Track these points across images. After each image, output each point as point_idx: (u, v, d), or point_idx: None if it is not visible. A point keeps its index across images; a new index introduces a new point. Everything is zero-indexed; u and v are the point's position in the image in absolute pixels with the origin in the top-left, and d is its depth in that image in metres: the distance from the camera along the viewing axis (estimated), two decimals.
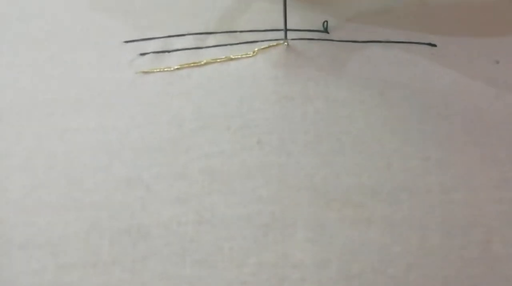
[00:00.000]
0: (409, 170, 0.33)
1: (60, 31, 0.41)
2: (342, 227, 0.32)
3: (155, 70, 0.38)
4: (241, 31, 0.40)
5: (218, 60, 0.38)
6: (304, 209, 0.32)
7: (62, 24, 0.42)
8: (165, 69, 0.38)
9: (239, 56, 0.39)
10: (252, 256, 0.31)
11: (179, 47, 0.40)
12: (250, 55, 0.39)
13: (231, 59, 0.39)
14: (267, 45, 0.39)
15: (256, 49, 0.39)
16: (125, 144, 0.35)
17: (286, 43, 0.39)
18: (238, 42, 0.40)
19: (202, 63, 0.38)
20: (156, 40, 0.40)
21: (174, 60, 0.39)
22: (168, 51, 0.39)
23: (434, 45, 0.40)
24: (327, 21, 0.40)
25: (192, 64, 0.38)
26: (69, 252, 0.31)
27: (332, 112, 0.36)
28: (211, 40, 0.40)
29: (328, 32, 0.40)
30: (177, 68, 0.38)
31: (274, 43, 0.39)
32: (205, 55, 0.39)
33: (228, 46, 0.39)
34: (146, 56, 0.39)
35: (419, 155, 0.34)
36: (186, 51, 0.39)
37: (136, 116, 0.36)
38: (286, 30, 0.39)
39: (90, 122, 0.36)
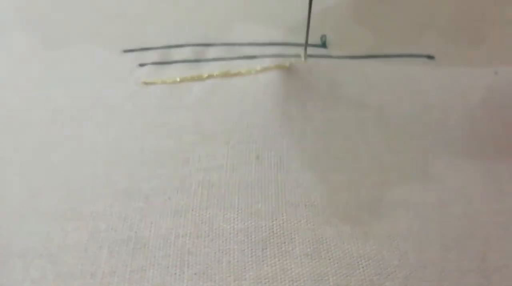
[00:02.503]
0: (406, 185, 0.34)
1: (59, 40, 0.42)
2: (340, 242, 0.32)
3: (156, 82, 0.38)
4: (240, 45, 0.41)
5: (220, 74, 0.39)
6: (302, 225, 0.32)
7: (61, 33, 0.42)
8: (166, 81, 0.38)
9: (242, 72, 0.39)
10: (250, 270, 0.31)
11: (178, 58, 0.40)
12: (253, 72, 0.39)
13: (233, 75, 0.39)
14: (285, 64, 0.39)
15: (273, 64, 0.39)
16: (124, 155, 0.35)
17: (303, 59, 0.39)
18: (237, 56, 0.40)
19: (204, 77, 0.39)
20: (155, 50, 0.41)
21: (174, 70, 0.39)
22: (168, 63, 0.40)
23: (432, 58, 0.41)
24: (325, 35, 0.41)
25: (194, 78, 0.39)
26: (68, 262, 0.31)
27: (330, 131, 0.36)
28: (211, 52, 0.41)
29: (326, 47, 0.41)
30: (179, 81, 0.39)
31: (287, 63, 0.39)
32: (205, 67, 0.40)
33: (228, 61, 0.40)
34: (146, 66, 0.40)
35: (417, 169, 0.34)
36: (186, 63, 0.40)
37: (136, 128, 0.36)
38: (306, 46, 0.39)
39: (89, 133, 0.36)
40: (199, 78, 0.39)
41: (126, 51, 0.41)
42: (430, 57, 0.41)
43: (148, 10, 0.44)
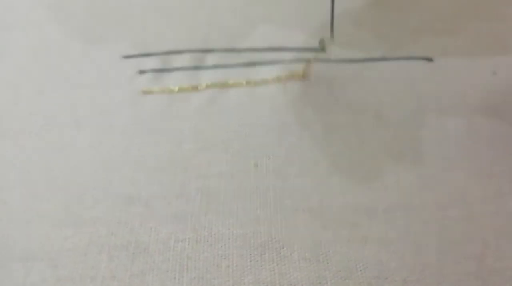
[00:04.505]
0: (404, 188, 0.34)
1: (59, 45, 0.43)
2: (338, 246, 0.32)
3: (155, 91, 0.39)
4: (238, 51, 0.42)
5: (217, 85, 0.39)
6: (301, 230, 0.33)
7: (61, 38, 0.43)
8: (165, 91, 0.39)
9: (239, 83, 0.39)
10: (249, 275, 0.31)
11: (178, 65, 0.41)
12: (252, 84, 0.39)
13: (230, 85, 0.39)
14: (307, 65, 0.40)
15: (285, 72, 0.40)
16: (124, 161, 0.35)
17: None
18: (236, 63, 0.41)
19: (202, 87, 0.39)
20: (155, 56, 0.41)
21: (173, 79, 0.40)
22: (167, 70, 0.40)
23: (431, 60, 0.41)
24: (324, 40, 0.41)
25: (191, 88, 0.39)
26: (68, 266, 0.31)
27: (327, 135, 0.37)
28: (210, 58, 0.41)
29: (325, 51, 0.41)
30: (177, 91, 0.39)
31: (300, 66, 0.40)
32: (204, 75, 0.40)
33: (227, 68, 0.40)
34: (146, 74, 0.40)
35: (414, 172, 0.35)
36: (185, 71, 0.40)
37: (136, 135, 0.37)
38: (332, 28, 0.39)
39: (89, 139, 0.37)
40: (197, 89, 0.39)
41: (126, 57, 0.42)
42: (428, 59, 0.41)
43: (148, 15, 0.45)
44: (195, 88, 0.39)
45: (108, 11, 0.45)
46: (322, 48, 0.42)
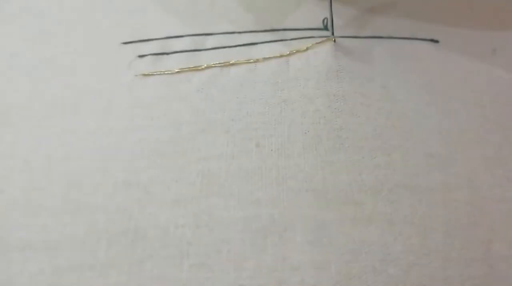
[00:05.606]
0: (411, 167, 0.33)
1: (57, 32, 0.42)
2: (342, 227, 0.31)
3: (154, 73, 0.38)
4: (239, 32, 0.40)
5: (218, 64, 0.38)
6: (304, 211, 0.32)
7: (59, 25, 0.42)
8: (165, 73, 0.38)
9: (240, 61, 0.38)
10: (251, 259, 0.31)
11: (178, 49, 0.40)
12: (255, 61, 0.38)
13: (231, 64, 0.38)
14: (311, 43, 0.39)
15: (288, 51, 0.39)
16: (123, 146, 0.35)
17: (333, 40, 0.39)
18: (237, 44, 0.40)
19: (202, 67, 0.38)
20: (155, 41, 0.40)
21: (173, 62, 0.39)
22: (167, 53, 0.39)
23: (437, 41, 0.40)
24: (327, 18, 0.40)
25: (192, 69, 0.38)
26: (66, 254, 0.31)
27: (332, 107, 0.35)
28: (210, 41, 0.40)
29: (328, 30, 0.40)
30: (177, 72, 0.38)
31: (319, 40, 0.39)
32: (204, 57, 0.39)
33: (227, 49, 0.39)
34: (145, 58, 0.39)
35: (421, 151, 0.34)
36: (185, 53, 0.39)
37: (134, 119, 0.36)
38: (332, 25, 0.39)
39: (88, 125, 0.36)
40: (198, 69, 0.38)
41: (125, 43, 0.41)
42: (434, 41, 0.40)
43: (147, 1, 0.43)
44: (195, 68, 0.38)
45: None
46: (325, 27, 0.40)
